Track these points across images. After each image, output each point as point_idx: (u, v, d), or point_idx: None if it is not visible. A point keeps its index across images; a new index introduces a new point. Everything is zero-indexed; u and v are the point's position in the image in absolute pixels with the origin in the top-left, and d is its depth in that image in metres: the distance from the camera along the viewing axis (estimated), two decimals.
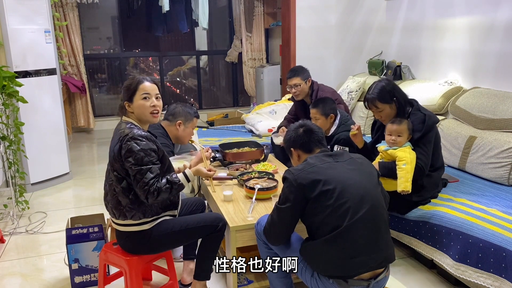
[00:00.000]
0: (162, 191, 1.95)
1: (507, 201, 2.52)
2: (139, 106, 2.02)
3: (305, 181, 1.74)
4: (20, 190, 3.54)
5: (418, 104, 2.59)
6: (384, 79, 2.62)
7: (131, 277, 2.05)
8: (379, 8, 4.59)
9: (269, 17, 6.77)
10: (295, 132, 1.99)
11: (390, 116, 2.55)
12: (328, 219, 1.71)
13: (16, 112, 3.53)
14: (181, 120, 2.70)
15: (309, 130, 1.97)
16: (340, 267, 1.71)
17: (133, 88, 2.02)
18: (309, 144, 1.95)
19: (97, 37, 6.89)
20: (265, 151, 3.11)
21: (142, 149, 1.92)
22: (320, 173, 1.75)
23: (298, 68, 3.44)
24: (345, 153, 1.92)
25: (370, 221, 1.72)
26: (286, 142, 2.04)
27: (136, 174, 1.91)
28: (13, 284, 2.58)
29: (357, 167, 1.83)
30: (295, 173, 1.78)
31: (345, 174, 1.77)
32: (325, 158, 1.83)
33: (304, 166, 1.80)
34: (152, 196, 1.92)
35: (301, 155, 1.97)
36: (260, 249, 2.09)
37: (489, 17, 3.27)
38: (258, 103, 6.21)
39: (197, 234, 2.17)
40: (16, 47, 3.76)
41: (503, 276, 2.03)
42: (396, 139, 2.45)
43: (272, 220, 1.86)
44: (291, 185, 1.77)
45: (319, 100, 3.04)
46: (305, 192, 1.73)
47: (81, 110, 6.30)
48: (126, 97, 2.04)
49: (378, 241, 1.74)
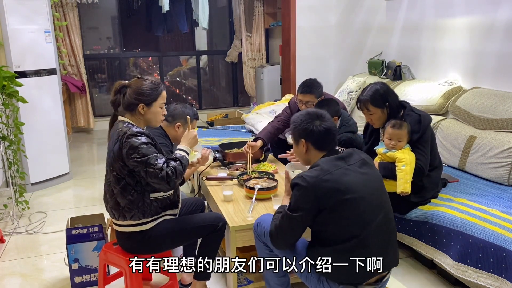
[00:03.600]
0: (177, 168, 1.94)
1: (507, 201, 2.52)
2: (155, 113, 2.04)
3: (321, 191, 1.65)
4: (20, 190, 3.54)
5: (410, 105, 2.59)
6: (378, 83, 2.61)
7: (131, 277, 2.05)
8: (379, 8, 4.59)
9: (269, 17, 6.77)
10: (311, 124, 1.83)
11: (381, 120, 2.55)
12: (344, 229, 1.67)
13: (16, 112, 3.53)
14: (180, 122, 2.66)
15: (327, 129, 1.82)
16: (352, 275, 1.69)
17: (156, 95, 2.02)
18: (324, 143, 1.83)
19: (97, 37, 6.89)
20: (265, 153, 3.10)
21: (144, 143, 1.92)
22: (335, 181, 1.67)
23: (313, 84, 3.06)
24: (354, 154, 1.82)
25: (383, 228, 1.72)
26: (297, 130, 1.87)
27: (146, 166, 1.88)
28: (13, 284, 2.58)
29: (368, 171, 1.77)
30: (310, 180, 1.67)
31: (359, 180, 1.71)
32: (338, 163, 1.74)
33: (319, 173, 1.68)
34: (172, 178, 1.90)
35: (310, 149, 1.85)
36: (259, 250, 2.06)
37: (489, 17, 3.27)
38: (258, 103, 6.21)
39: (197, 233, 2.17)
40: (16, 47, 3.76)
41: (503, 276, 2.03)
42: (396, 144, 2.44)
43: (281, 226, 1.77)
44: (305, 194, 1.67)
45: (324, 102, 2.97)
46: (320, 202, 1.66)
47: (81, 110, 6.30)
48: (145, 100, 2.00)
49: (388, 247, 1.74)
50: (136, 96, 2.01)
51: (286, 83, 5.73)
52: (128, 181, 1.97)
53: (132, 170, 1.94)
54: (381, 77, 4.37)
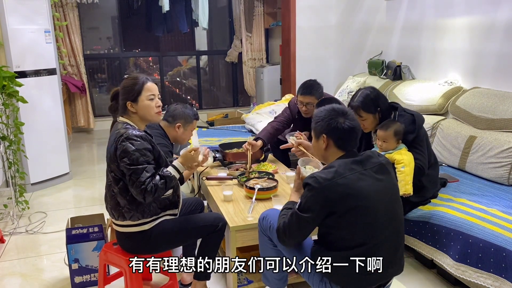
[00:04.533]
0: (159, 188, 1.94)
1: (507, 201, 2.52)
2: (145, 107, 2.02)
3: (333, 195, 1.61)
4: (20, 190, 3.54)
5: (400, 106, 2.59)
6: (368, 87, 2.60)
7: (131, 277, 2.05)
8: (379, 8, 4.59)
9: (269, 17, 6.77)
10: (335, 121, 1.75)
11: (373, 125, 2.56)
12: (353, 235, 1.65)
13: (16, 112, 3.53)
14: (180, 123, 2.67)
15: (351, 128, 1.75)
16: (357, 281, 1.68)
17: (138, 89, 2.01)
18: (346, 141, 1.76)
19: (97, 37, 6.89)
20: (265, 153, 3.10)
21: (137, 149, 1.92)
22: (349, 186, 1.62)
23: (313, 85, 3.02)
24: (372, 157, 1.75)
25: (393, 239, 1.71)
26: (320, 125, 1.79)
27: (132, 174, 1.90)
28: (13, 284, 2.58)
29: (384, 177, 1.72)
30: (324, 182, 1.62)
31: (374, 188, 1.66)
32: (354, 167, 1.68)
33: (334, 176, 1.63)
34: (149, 195, 1.91)
35: (330, 146, 1.78)
36: (262, 245, 2.04)
37: (489, 17, 3.27)
38: (258, 103, 6.21)
39: (197, 234, 2.17)
40: (16, 47, 3.76)
41: (503, 276, 2.03)
42: (382, 145, 2.46)
43: (290, 224, 1.74)
44: (317, 195, 1.63)
45: (325, 101, 2.96)
46: (331, 205, 1.62)
47: (81, 110, 6.30)
48: (130, 97, 2.01)
49: (396, 256, 1.74)
50: (122, 96, 2.03)
51: (286, 83, 5.74)
52: (125, 182, 1.96)
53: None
54: (381, 77, 4.37)
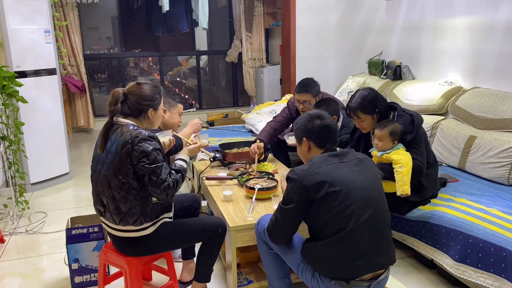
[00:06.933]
0: (179, 181, 2.00)
1: (507, 201, 2.52)
2: (159, 116, 2.12)
3: (310, 183, 1.71)
4: (20, 190, 3.55)
5: (399, 106, 2.59)
6: (366, 88, 2.61)
7: (131, 277, 2.05)
8: (379, 8, 4.59)
9: (269, 17, 6.77)
10: (311, 123, 1.90)
11: (371, 126, 2.56)
12: (332, 221, 1.70)
13: (16, 112, 3.54)
14: (165, 107, 2.67)
15: (326, 126, 1.89)
16: (343, 269, 1.71)
17: (160, 97, 2.09)
18: (324, 139, 1.89)
19: (97, 37, 6.89)
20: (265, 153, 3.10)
21: (154, 149, 1.92)
22: (325, 175, 1.72)
23: (309, 83, 3.06)
24: (350, 153, 1.87)
25: (374, 224, 1.72)
26: (299, 131, 1.94)
27: (152, 173, 1.89)
28: (13, 284, 2.58)
29: (362, 168, 1.81)
30: (300, 173, 1.74)
31: (351, 176, 1.74)
32: (330, 158, 1.79)
33: (310, 167, 1.76)
34: (172, 190, 1.94)
35: (312, 148, 1.91)
36: (260, 249, 2.09)
37: (489, 17, 3.27)
38: (258, 103, 6.21)
39: (197, 238, 2.17)
40: (16, 47, 3.76)
41: (503, 276, 2.03)
42: (377, 143, 2.47)
43: (276, 220, 1.85)
44: (295, 186, 1.74)
45: (322, 101, 2.97)
46: (309, 193, 1.71)
47: (81, 110, 6.30)
48: (154, 105, 2.06)
49: (381, 244, 1.75)
50: (146, 102, 2.02)
51: (286, 83, 5.74)
52: (133, 185, 1.92)
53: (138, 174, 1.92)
54: (381, 77, 4.37)
